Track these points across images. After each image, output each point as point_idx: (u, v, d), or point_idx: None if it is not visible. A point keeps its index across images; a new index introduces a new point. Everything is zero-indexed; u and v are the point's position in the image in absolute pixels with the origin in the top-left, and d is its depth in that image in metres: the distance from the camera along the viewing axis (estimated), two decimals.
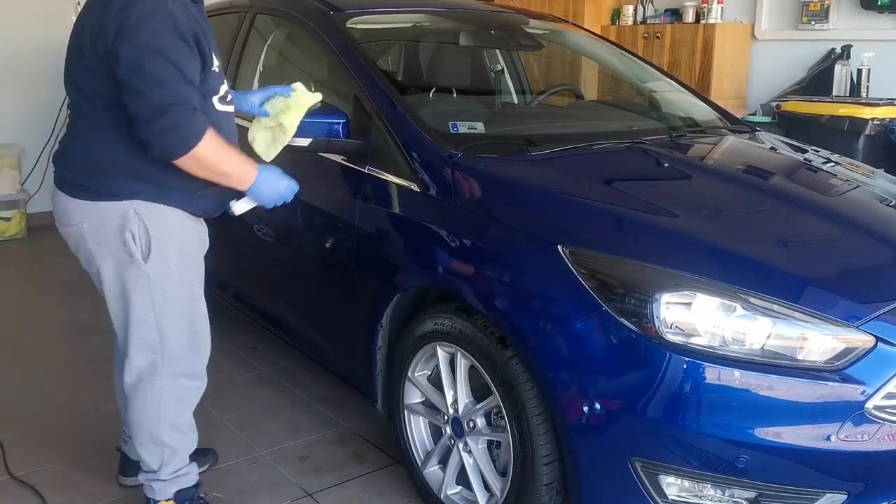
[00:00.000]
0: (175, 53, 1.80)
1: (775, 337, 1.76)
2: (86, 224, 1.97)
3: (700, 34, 5.14)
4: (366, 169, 2.41)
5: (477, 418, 2.14)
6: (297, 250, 2.77)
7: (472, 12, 3.42)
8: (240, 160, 1.96)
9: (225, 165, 1.92)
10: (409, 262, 2.28)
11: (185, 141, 1.83)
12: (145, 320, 2.03)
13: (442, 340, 2.16)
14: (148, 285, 1.99)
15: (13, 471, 2.52)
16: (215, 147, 1.88)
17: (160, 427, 2.12)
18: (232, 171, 1.94)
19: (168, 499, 2.20)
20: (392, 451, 2.61)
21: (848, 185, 2.59)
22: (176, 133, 1.81)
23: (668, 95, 3.27)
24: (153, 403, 2.10)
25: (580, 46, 3.66)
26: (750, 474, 1.76)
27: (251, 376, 3.25)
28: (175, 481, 2.19)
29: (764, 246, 1.99)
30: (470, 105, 3.12)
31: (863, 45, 4.69)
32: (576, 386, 1.84)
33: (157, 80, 1.79)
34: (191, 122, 1.82)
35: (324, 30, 2.74)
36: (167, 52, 1.79)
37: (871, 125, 4.12)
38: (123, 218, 1.95)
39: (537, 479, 1.96)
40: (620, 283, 1.83)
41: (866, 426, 1.74)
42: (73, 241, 2.03)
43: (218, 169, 1.91)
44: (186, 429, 2.19)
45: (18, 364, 3.34)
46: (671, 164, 2.50)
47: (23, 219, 5.20)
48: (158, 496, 2.19)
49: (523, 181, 2.24)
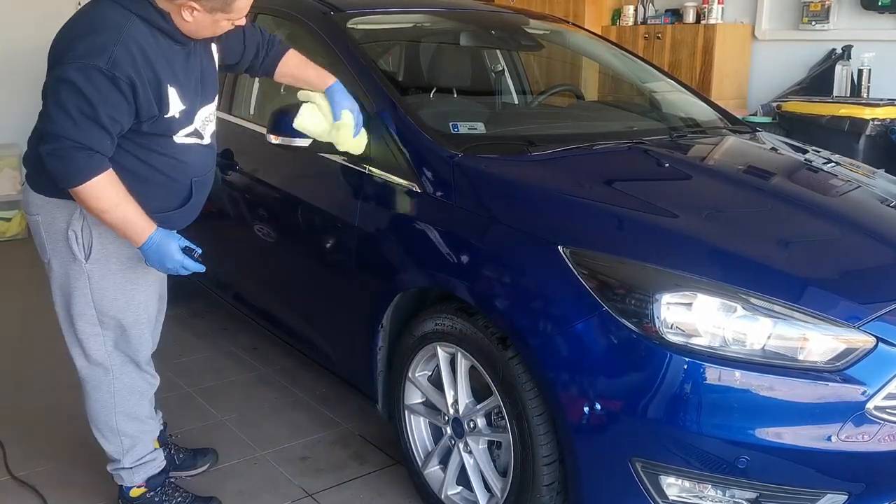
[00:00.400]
0: (95, 95, 1.80)
1: (776, 337, 1.76)
2: (40, 217, 2.05)
3: (700, 34, 5.13)
4: (366, 169, 2.41)
5: (477, 419, 2.14)
6: (298, 250, 2.77)
7: (473, 13, 3.41)
8: (132, 217, 1.92)
9: (110, 215, 1.91)
10: (409, 262, 2.28)
11: (68, 176, 1.85)
12: (85, 314, 2.10)
13: (442, 341, 2.15)
14: (88, 282, 2.06)
15: (13, 471, 2.52)
16: (102, 195, 1.87)
17: (116, 417, 2.20)
18: (116, 223, 1.93)
19: (139, 485, 2.27)
20: (392, 452, 2.61)
21: (848, 185, 2.58)
22: (59, 165, 1.85)
23: (669, 96, 3.27)
24: (107, 394, 2.18)
25: (580, 47, 3.66)
26: (750, 475, 1.76)
27: (251, 376, 3.25)
28: (141, 468, 2.27)
29: (764, 246, 1.99)
30: (470, 105, 3.12)
31: (863, 45, 4.68)
32: (576, 386, 1.84)
33: (64, 111, 1.80)
34: (78, 161, 1.83)
35: (324, 30, 2.74)
36: (86, 91, 1.79)
37: (872, 125, 4.12)
38: (70, 216, 2.01)
39: (538, 480, 1.95)
40: (621, 284, 1.83)
41: (867, 427, 1.74)
42: (33, 230, 2.11)
43: (102, 216, 1.92)
44: (145, 417, 2.27)
45: (19, 364, 3.34)
46: (672, 165, 2.50)
47: (23, 219, 5.20)
48: (128, 483, 2.27)
49: (524, 181, 2.24)
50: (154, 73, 1.88)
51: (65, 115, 1.80)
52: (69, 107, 1.80)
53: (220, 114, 2.96)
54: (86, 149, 1.83)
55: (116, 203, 1.90)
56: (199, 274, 2.06)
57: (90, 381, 2.17)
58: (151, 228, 1.95)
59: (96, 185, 1.86)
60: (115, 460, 2.26)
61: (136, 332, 2.16)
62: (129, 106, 1.86)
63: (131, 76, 1.83)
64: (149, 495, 2.28)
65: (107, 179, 1.87)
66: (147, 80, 1.86)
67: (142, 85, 1.85)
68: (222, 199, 2.96)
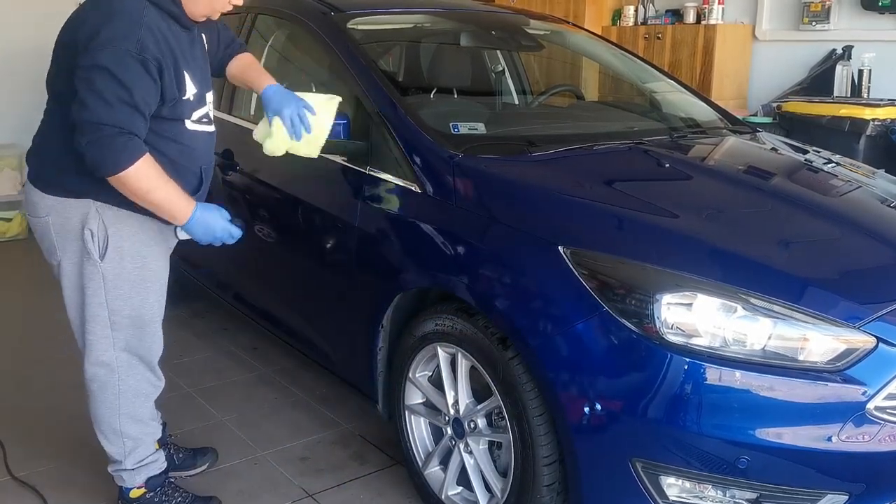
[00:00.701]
0: (129, 78, 1.83)
1: (776, 338, 1.76)
2: (51, 218, 2.04)
3: (701, 35, 5.13)
4: (366, 169, 2.41)
5: (478, 419, 2.14)
6: (298, 251, 2.77)
7: (473, 13, 3.42)
8: (174, 196, 1.96)
9: (153, 195, 1.93)
10: (409, 262, 2.28)
11: (112, 163, 1.86)
12: (99, 315, 2.09)
13: (443, 341, 2.15)
14: (102, 282, 2.06)
15: (13, 471, 2.52)
16: (146, 176, 1.90)
17: (120, 419, 2.20)
18: (161, 203, 1.96)
19: (139, 486, 2.27)
20: (393, 452, 2.61)
21: (849, 185, 2.58)
22: (102, 153, 1.85)
23: (669, 96, 3.27)
24: (112, 396, 2.18)
25: (581, 47, 3.66)
26: (751, 475, 1.76)
27: (251, 377, 3.25)
28: (142, 470, 2.27)
29: (765, 246, 1.99)
30: (471, 106, 3.12)
31: (864, 45, 4.68)
32: (576, 386, 1.84)
33: (101, 98, 1.82)
34: (121, 146, 1.85)
35: (325, 31, 2.74)
36: (120, 76, 1.82)
37: (872, 126, 4.12)
38: (85, 215, 2.01)
39: (538, 480, 1.95)
40: (621, 284, 1.83)
41: (867, 427, 1.74)
42: (39, 232, 2.09)
43: (146, 198, 1.94)
44: (148, 419, 2.27)
45: (19, 364, 3.34)
46: (672, 165, 2.50)
47: (24, 220, 5.20)
48: (129, 484, 2.27)
49: (524, 182, 2.24)
50: (172, 55, 1.93)
51: (102, 102, 1.82)
52: (105, 93, 1.82)
53: (221, 114, 2.97)
54: (126, 133, 1.85)
55: (159, 183, 1.93)
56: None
57: (96, 382, 2.17)
58: (193, 203, 1.99)
59: (140, 167, 1.88)
60: (117, 462, 2.26)
61: (150, 331, 2.17)
62: (157, 88, 1.90)
63: (158, 58, 1.88)
64: (148, 496, 2.29)
65: (149, 160, 1.90)
66: (169, 62, 1.91)
67: (166, 67, 1.90)
68: (222, 199, 2.96)
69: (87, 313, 2.09)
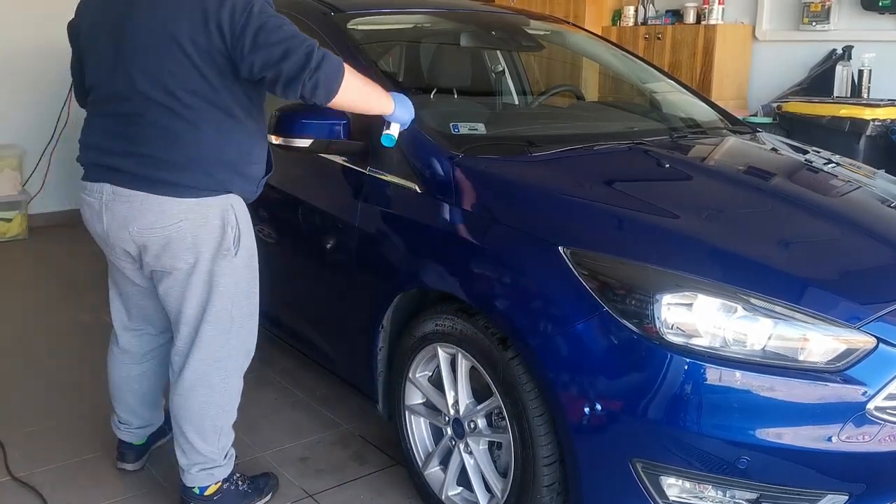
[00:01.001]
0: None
1: (776, 338, 1.76)
2: (186, 222, 1.98)
3: (701, 35, 5.14)
4: (367, 170, 2.41)
5: (478, 419, 2.14)
6: (298, 251, 2.77)
7: (473, 13, 3.42)
8: (374, 85, 2.07)
9: (368, 86, 2.03)
10: (409, 262, 2.28)
11: (338, 72, 1.90)
12: (223, 310, 2.09)
13: (443, 341, 2.15)
14: (233, 277, 2.08)
15: (13, 471, 2.52)
16: (351, 72, 1.96)
17: (224, 415, 2.19)
18: (371, 95, 2.05)
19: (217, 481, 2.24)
20: (393, 452, 2.61)
21: (849, 185, 2.58)
22: (330, 67, 1.88)
23: (669, 96, 3.27)
24: (220, 394, 2.16)
25: (581, 47, 3.66)
26: (751, 475, 1.76)
27: (251, 377, 3.19)
28: (230, 461, 2.27)
29: (765, 247, 1.99)
30: (471, 106, 3.12)
31: (864, 45, 4.68)
32: (576, 387, 1.84)
33: (290, 32, 1.87)
34: (331, 56, 1.91)
35: (325, 31, 2.73)
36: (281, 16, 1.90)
37: (872, 126, 4.12)
38: (224, 211, 2.03)
39: (538, 480, 1.95)
40: (621, 284, 1.83)
41: (868, 427, 1.74)
42: (164, 240, 1.99)
43: (363, 90, 2.01)
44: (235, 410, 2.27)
45: (19, 364, 3.34)
46: (672, 165, 2.50)
47: (24, 220, 5.20)
48: (221, 476, 2.24)
49: (524, 182, 2.24)
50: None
51: (295, 34, 1.87)
52: (292, 28, 1.89)
53: None
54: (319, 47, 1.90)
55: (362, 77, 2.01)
56: None
57: (205, 382, 2.12)
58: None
59: (347, 70, 1.93)
60: (209, 459, 2.19)
61: (255, 324, 2.22)
62: None
63: None
64: (225, 486, 2.25)
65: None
66: None
67: None
68: None
69: (210, 310, 2.07)
